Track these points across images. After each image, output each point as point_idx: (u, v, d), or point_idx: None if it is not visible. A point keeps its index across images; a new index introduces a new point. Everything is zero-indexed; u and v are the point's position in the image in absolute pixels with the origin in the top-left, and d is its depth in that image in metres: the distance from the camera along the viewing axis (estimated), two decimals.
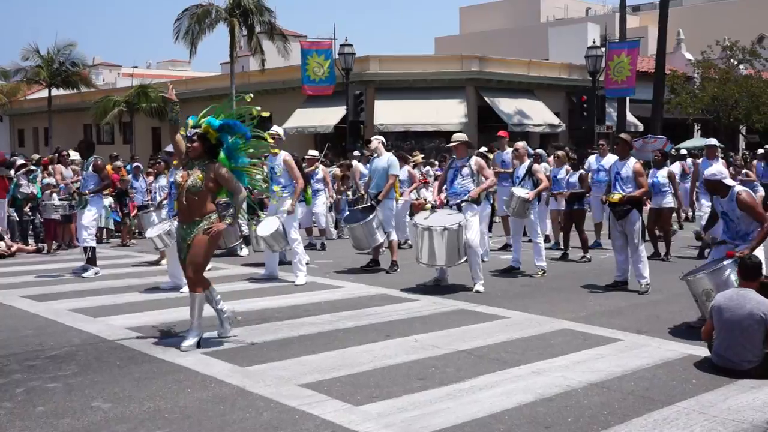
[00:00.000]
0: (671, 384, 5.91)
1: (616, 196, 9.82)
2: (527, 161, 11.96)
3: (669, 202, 13.53)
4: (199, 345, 6.95)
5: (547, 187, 12.17)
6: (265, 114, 7.70)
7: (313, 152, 15.95)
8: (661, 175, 13.40)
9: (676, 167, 17.02)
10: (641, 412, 5.26)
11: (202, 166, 6.95)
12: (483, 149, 15.23)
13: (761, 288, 6.52)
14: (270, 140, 8.23)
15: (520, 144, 12.42)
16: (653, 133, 29.09)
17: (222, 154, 7.08)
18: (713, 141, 13.30)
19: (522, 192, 11.39)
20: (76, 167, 15.71)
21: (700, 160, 13.87)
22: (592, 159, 15.25)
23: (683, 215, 18.16)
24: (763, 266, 6.90)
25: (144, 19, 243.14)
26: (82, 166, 12.18)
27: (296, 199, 10.93)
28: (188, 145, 7.04)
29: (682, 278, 7.67)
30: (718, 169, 8.16)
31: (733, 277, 7.04)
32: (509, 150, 13.97)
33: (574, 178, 13.41)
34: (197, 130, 7.04)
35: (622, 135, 10.76)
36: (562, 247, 13.41)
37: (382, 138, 12.47)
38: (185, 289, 9.96)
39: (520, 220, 11.71)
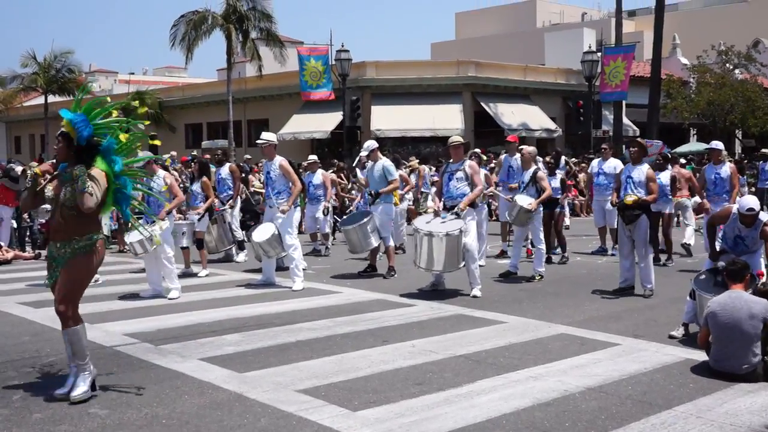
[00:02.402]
0: (669, 388, 5.92)
1: (630, 198, 9.81)
2: (533, 167, 11.89)
3: (670, 206, 13.47)
4: (94, 388, 5.80)
5: (550, 195, 12.02)
6: (142, 109, 6.60)
7: (313, 157, 15.91)
8: (663, 178, 13.09)
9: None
10: (639, 416, 5.26)
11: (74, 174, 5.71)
12: (477, 150, 15.10)
13: (760, 294, 6.54)
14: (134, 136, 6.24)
15: (528, 148, 12.24)
16: (649, 138, 29.13)
17: (98, 158, 5.83)
18: (717, 144, 12.59)
19: (525, 202, 11.30)
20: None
21: (705, 166, 13.14)
22: (594, 162, 15.17)
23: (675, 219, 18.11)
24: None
25: (140, 25, 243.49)
26: None
27: (293, 202, 10.91)
28: (55, 146, 5.92)
29: (694, 283, 7.53)
30: (756, 202, 7.74)
31: None
32: (518, 155, 13.84)
33: (556, 183, 13.55)
34: (62, 128, 5.84)
35: (639, 140, 10.66)
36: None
37: (373, 144, 12.31)
38: (173, 294, 10.00)
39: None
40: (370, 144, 12.19)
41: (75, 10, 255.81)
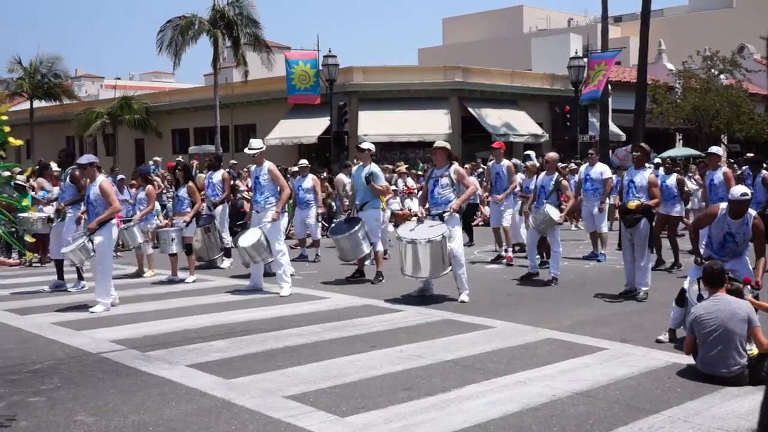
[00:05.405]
0: (656, 392, 5.94)
1: (633, 203, 9.83)
2: (555, 174, 11.79)
3: (678, 210, 13.25)
4: None
5: (577, 206, 11.92)
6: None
7: (304, 161, 15.85)
8: (671, 182, 13.02)
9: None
10: (626, 420, 5.27)
11: None
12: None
13: (729, 293, 6.58)
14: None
15: (551, 155, 12.22)
16: (636, 143, 29.22)
17: None
18: (715, 149, 12.43)
19: (555, 215, 11.27)
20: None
21: (708, 171, 12.60)
22: (582, 168, 15.18)
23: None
24: None
25: (127, 30, 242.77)
26: (60, 177, 12.05)
27: (281, 207, 10.92)
28: None
29: (687, 292, 7.49)
30: (747, 190, 7.79)
31: None
32: (505, 162, 13.90)
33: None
34: None
35: (642, 144, 10.68)
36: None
37: (372, 146, 12.30)
38: (98, 308, 9.51)
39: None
40: (370, 144, 12.21)
41: (61, 15, 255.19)
